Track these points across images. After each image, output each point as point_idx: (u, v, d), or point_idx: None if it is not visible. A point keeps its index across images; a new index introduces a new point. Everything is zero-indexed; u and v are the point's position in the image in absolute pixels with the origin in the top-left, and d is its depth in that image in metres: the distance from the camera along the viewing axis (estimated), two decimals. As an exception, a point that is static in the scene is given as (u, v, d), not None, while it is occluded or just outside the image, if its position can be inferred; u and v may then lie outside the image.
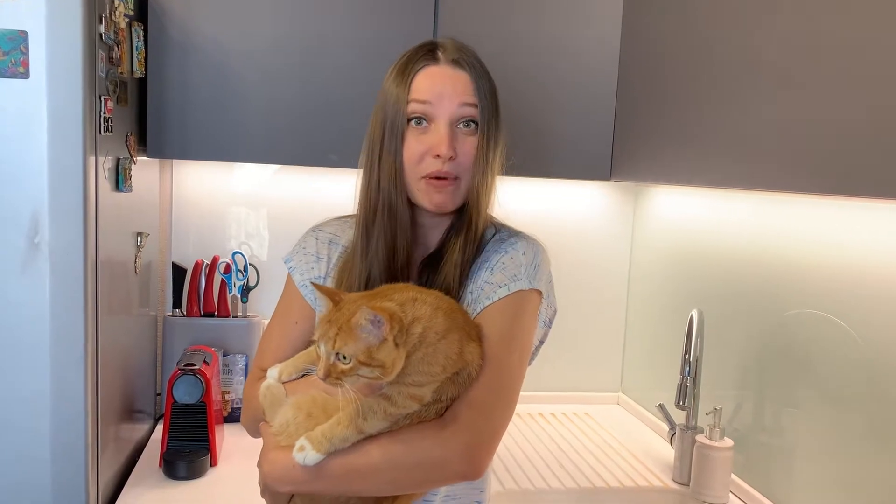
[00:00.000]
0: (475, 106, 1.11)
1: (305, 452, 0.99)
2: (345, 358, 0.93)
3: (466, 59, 1.12)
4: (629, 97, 1.80)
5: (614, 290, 2.26)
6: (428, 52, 1.13)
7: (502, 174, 1.17)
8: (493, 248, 1.15)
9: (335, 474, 1.00)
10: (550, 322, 1.18)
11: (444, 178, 1.11)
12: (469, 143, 1.11)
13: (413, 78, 1.11)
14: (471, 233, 1.14)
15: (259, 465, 1.08)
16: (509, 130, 1.17)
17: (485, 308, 1.09)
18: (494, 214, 1.20)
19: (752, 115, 1.29)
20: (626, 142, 1.80)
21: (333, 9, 1.71)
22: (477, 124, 1.12)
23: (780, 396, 1.55)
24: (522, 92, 1.81)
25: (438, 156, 1.09)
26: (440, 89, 1.10)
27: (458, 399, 1.03)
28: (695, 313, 1.68)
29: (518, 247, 1.14)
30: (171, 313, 1.99)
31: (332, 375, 0.93)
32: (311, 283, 1.05)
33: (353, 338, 0.92)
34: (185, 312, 1.98)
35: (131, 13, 1.54)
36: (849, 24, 1.08)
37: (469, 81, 1.11)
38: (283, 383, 1.10)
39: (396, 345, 0.94)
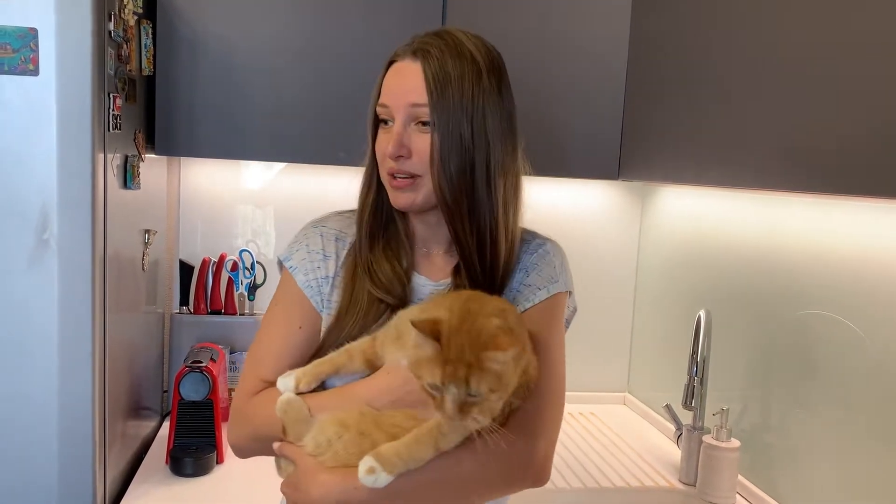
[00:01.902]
0: (425, 105, 1.03)
1: (377, 475, 0.91)
2: (476, 394, 0.88)
3: (426, 48, 1.04)
4: (638, 96, 1.79)
5: (621, 290, 2.25)
6: (406, 45, 1.07)
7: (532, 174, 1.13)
8: (521, 249, 1.13)
9: (404, 492, 0.94)
10: (569, 323, 1.19)
11: (402, 179, 1.06)
12: (422, 139, 1.04)
13: (384, 76, 1.08)
14: (485, 254, 1.08)
15: (299, 489, 0.98)
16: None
17: (525, 311, 1.08)
18: None
19: (761, 115, 1.29)
20: (634, 141, 1.80)
21: (341, 6, 1.71)
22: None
23: (787, 397, 1.55)
24: (530, 90, 1.80)
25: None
26: (395, 90, 1.06)
27: (520, 409, 0.99)
28: (702, 313, 1.67)
29: (547, 248, 1.14)
30: (178, 310, 1.99)
31: (467, 414, 0.88)
32: (412, 322, 0.91)
33: (488, 374, 0.88)
34: (192, 310, 1.98)
35: (140, 11, 1.54)
36: (859, 24, 1.07)
37: (420, 76, 1.03)
38: (301, 394, 1.03)
39: (515, 362, 0.91)
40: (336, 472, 0.95)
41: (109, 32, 1.36)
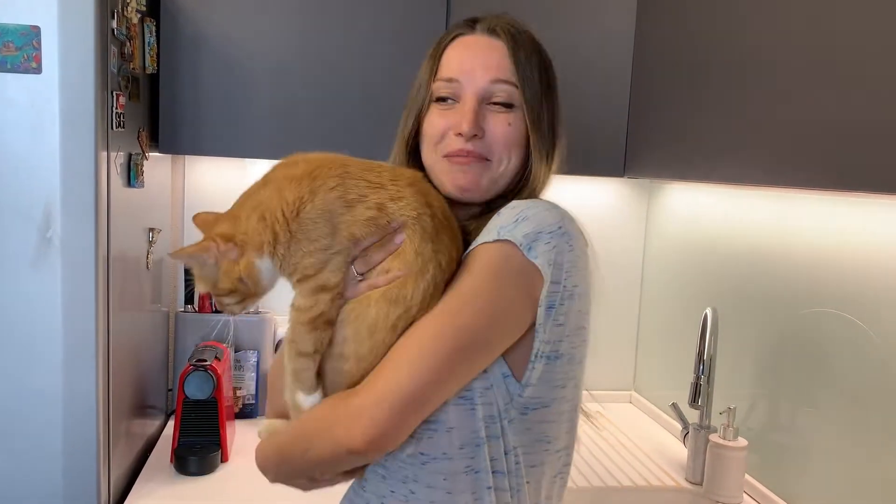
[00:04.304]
0: (513, 85, 0.96)
1: (302, 398, 0.92)
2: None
3: (506, 28, 0.98)
4: (643, 93, 1.78)
5: (627, 288, 2.25)
6: (466, 23, 1.00)
7: (559, 173, 1.04)
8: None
9: (272, 463, 0.97)
10: (552, 303, 0.91)
11: (468, 156, 0.95)
12: (500, 121, 0.96)
13: (443, 52, 0.98)
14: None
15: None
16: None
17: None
18: None
19: (767, 112, 1.28)
20: (639, 138, 1.79)
21: (346, 4, 1.71)
22: (510, 107, 0.96)
23: (795, 396, 1.54)
24: (535, 88, 1.80)
25: (460, 134, 0.94)
26: (470, 64, 0.96)
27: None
28: (709, 311, 1.66)
29: (506, 206, 0.95)
30: (182, 309, 1.99)
31: (218, 303, 0.98)
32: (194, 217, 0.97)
33: (197, 277, 0.96)
34: (196, 308, 1.98)
35: (143, 9, 1.54)
36: (870, 17, 1.06)
37: (505, 54, 0.96)
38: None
39: (240, 257, 0.93)
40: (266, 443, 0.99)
41: (112, 30, 1.36)
